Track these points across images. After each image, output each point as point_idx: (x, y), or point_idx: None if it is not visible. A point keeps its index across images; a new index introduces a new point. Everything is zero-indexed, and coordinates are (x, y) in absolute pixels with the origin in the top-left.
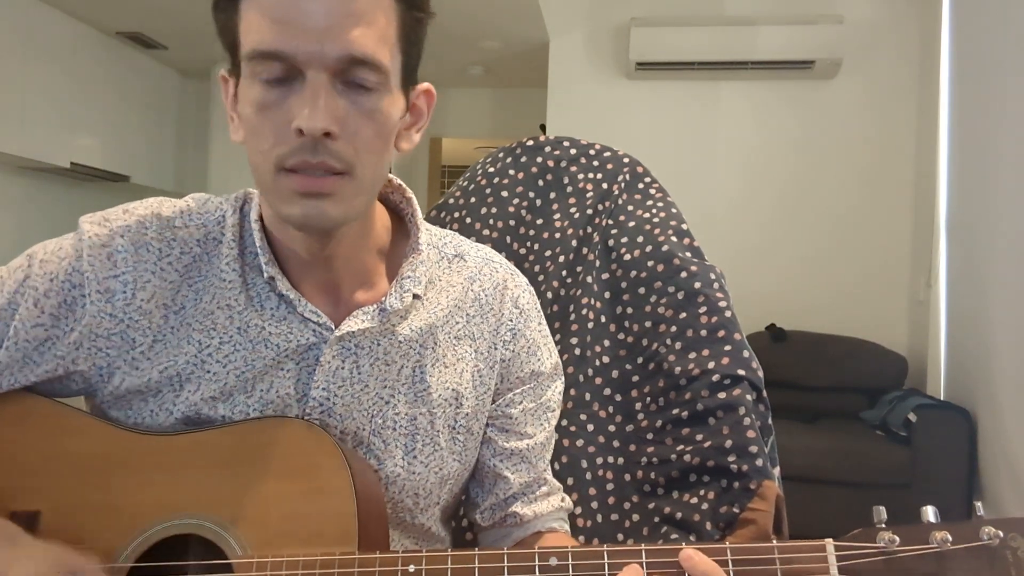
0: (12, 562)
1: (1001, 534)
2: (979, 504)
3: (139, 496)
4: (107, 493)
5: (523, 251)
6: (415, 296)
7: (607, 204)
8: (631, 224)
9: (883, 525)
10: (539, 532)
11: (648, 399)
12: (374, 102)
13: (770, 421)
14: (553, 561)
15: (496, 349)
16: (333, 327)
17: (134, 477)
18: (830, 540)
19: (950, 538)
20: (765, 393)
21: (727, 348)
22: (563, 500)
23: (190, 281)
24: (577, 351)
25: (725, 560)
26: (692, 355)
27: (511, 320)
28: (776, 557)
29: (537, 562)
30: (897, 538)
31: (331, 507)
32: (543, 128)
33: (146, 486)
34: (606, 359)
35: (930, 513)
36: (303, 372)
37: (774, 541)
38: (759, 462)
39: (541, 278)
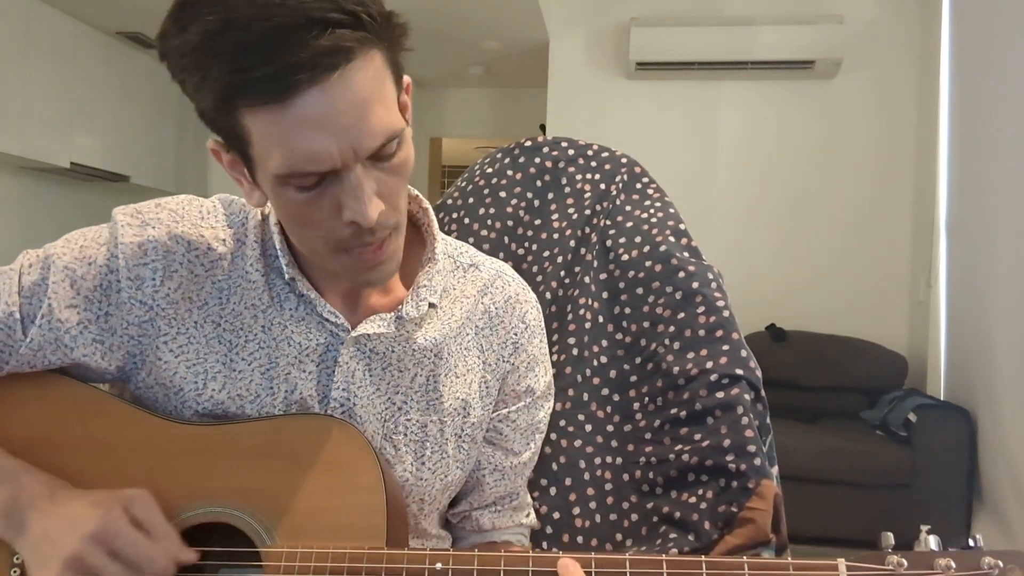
0: (68, 500)
1: (1001, 564)
2: (979, 536)
3: (169, 482)
4: (137, 478)
5: (521, 252)
6: (431, 305)
7: (605, 204)
8: (629, 224)
9: (891, 550)
10: (494, 543)
11: (646, 399)
12: (400, 157)
13: (768, 420)
14: None
15: (503, 362)
16: (350, 328)
17: (165, 464)
18: (842, 560)
19: (953, 565)
20: (763, 392)
21: (725, 348)
22: (528, 517)
23: (214, 278)
24: (575, 351)
25: (743, 575)
26: (690, 355)
27: (515, 334)
28: (791, 574)
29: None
30: (905, 562)
31: (361, 502)
32: (543, 128)
33: (177, 473)
34: (604, 359)
35: (932, 542)
36: (323, 374)
37: (789, 559)
38: (757, 461)
39: (539, 279)
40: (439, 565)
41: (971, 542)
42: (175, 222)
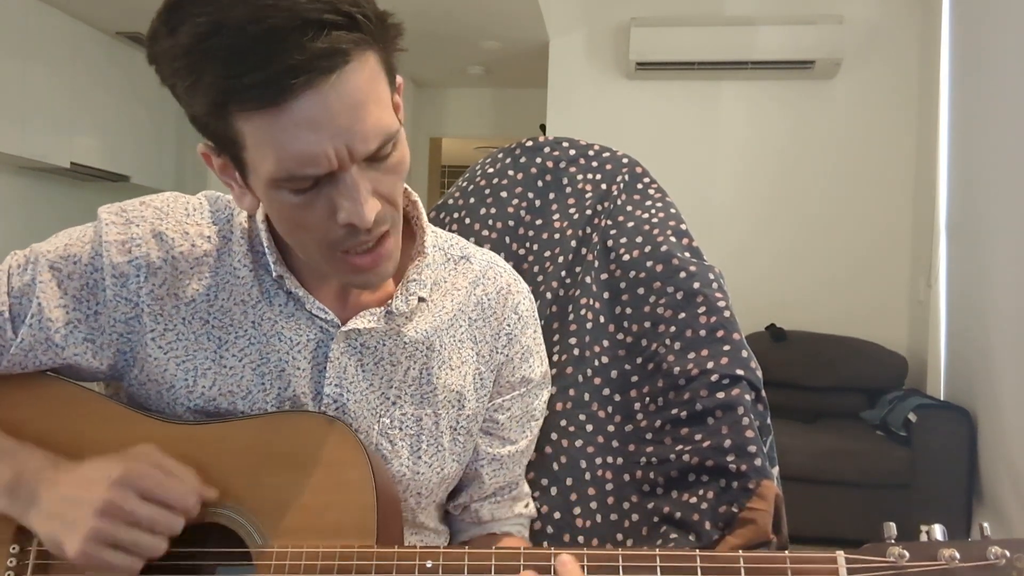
0: (75, 467)
1: (1008, 554)
2: (986, 524)
3: None
4: None
5: (522, 252)
6: (420, 299)
7: (606, 205)
8: (630, 224)
9: (893, 540)
10: (494, 534)
11: (647, 399)
12: (396, 157)
13: (769, 421)
14: None
15: (496, 353)
16: (340, 324)
17: None
18: (841, 552)
19: (958, 556)
20: (764, 393)
21: (726, 348)
22: (527, 507)
23: (200, 275)
24: (576, 351)
25: (738, 568)
26: (691, 355)
27: (509, 325)
28: (788, 567)
29: (553, 562)
30: (907, 553)
31: (351, 500)
32: (543, 128)
33: None
34: (605, 359)
35: (938, 531)
36: (315, 370)
37: (786, 552)
38: (758, 462)
39: (540, 279)
40: (429, 563)
41: (979, 532)
42: (159, 219)
